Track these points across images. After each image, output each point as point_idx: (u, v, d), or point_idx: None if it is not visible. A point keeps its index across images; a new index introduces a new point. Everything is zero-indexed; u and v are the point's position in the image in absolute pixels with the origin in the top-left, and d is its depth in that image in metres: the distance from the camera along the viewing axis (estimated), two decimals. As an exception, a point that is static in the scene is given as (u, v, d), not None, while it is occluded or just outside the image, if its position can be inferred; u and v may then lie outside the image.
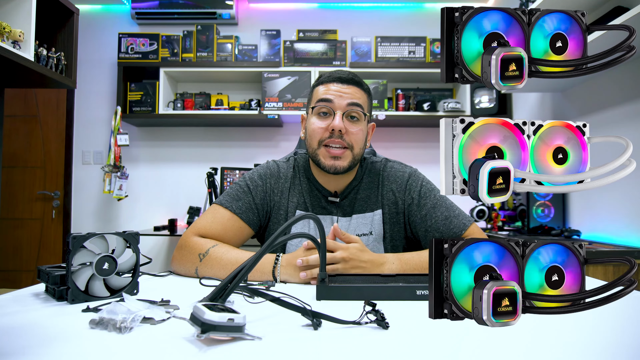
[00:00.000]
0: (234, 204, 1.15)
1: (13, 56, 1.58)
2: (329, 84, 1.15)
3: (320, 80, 1.18)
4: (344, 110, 1.12)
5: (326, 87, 1.15)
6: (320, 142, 1.13)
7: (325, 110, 1.13)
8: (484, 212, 2.72)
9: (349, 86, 1.14)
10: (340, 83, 1.14)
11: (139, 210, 3.41)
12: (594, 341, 0.59)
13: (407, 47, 3.19)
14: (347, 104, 1.12)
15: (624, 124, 2.01)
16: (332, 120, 1.12)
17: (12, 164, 3.43)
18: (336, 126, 1.10)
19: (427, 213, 1.15)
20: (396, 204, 1.20)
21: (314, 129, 1.14)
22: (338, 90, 1.13)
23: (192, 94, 3.29)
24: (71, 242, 0.74)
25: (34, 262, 3.41)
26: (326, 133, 1.12)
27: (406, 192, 1.20)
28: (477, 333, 0.62)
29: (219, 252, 1.03)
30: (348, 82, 1.15)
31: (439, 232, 1.13)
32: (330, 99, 1.13)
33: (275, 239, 0.72)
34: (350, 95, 1.13)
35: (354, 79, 1.16)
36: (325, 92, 1.14)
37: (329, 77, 1.17)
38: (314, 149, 1.15)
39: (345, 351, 0.55)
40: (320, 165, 1.14)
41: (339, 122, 1.10)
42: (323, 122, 1.13)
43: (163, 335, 0.60)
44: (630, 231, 1.97)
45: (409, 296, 0.81)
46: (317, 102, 1.15)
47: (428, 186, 1.20)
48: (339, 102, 1.12)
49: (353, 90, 1.14)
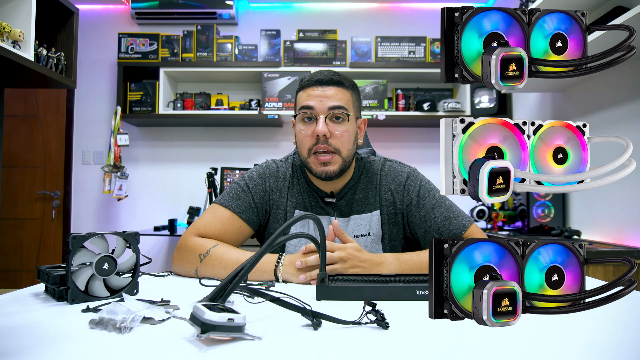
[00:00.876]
0: (233, 203, 1.15)
1: (13, 56, 1.58)
2: (309, 88, 1.14)
3: (301, 85, 1.17)
4: (326, 114, 1.12)
5: (307, 93, 1.14)
6: (310, 150, 1.13)
7: (309, 116, 1.13)
8: (483, 212, 2.72)
9: (328, 87, 1.13)
10: (320, 86, 1.13)
11: (139, 210, 3.41)
12: (594, 341, 0.59)
13: (407, 47, 3.19)
14: (328, 108, 1.11)
15: (624, 124, 2.01)
16: (316, 125, 1.11)
17: (12, 164, 3.43)
18: (320, 131, 1.10)
19: (427, 214, 1.15)
20: (394, 204, 1.19)
21: (301, 138, 1.14)
22: (319, 94, 1.12)
23: (192, 94, 3.29)
24: (71, 242, 0.74)
25: (34, 262, 3.41)
26: (312, 139, 1.12)
27: (405, 192, 1.19)
28: (477, 333, 0.62)
29: (219, 252, 1.03)
30: (327, 84, 1.13)
31: (438, 233, 1.12)
32: (311, 105, 1.12)
33: (275, 238, 0.72)
34: (331, 97, 1.12)
35: (333, 79, 1.14)
36: (307, 98, 1.13)
37: (308, 81, 1.15)
38: (304, 157, 1.15)
39: (345, 351, 0.55)
40: (312, 172, 1.15)
41: (323, 127, 1.10)
42: (308, 129, 1.13)
43: (163, 335, 0.60)
44: (630, 231, 1.97)
45: (409, 296, 0.81)
46: (300, 110, 1.14)
47: (427, 186, 1.19)
48: (320, 106, 1.11)
49: (334, 92, 1.13)
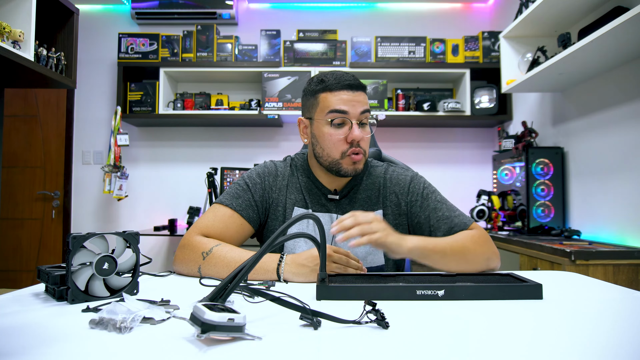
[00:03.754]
0: (234, 201, 1.17)
1: (13, 56, 1.58)
2: (339, 92, 1.13)
3: (328, 87, 1.14)
4: (359, 120, 1.13)
5: (337, 97, 1.13)
6: (344, 153, 1.14)
7: (341, 122, 1.13)
8: (483, 212, 2.72)
9: (358, 92, 1.14)
10: (351, 90, 1.13)
11: (139, 210, 3.41)
12: (594, 341, 0.59)
13: (407, 47, 3.19)
14: (360, 113, 1.13)
15: (624, 124, 2.01)
16: (347, 129, 1.13)
17: (12, 164, 3.43)
18: (357, 137, 1.12)
19: (430, 213, 1.18)
20: (399, 205, 1.21)
21: (334, 141, 1.14)
22: (350, 99, 1.13)
23: (192, 94, 3.29)
24: (71, 242, 0.74)
25: (34, 262, 3.41)
26: (346, 144, 1.13)
27: (409, 194, 1.22)
28: (477, 333, 0.62)
29: (222, 251, 1.04)
30: (357, 89, 1.14)
31: (441, 232, 1.14)
32: (346, 110, 1.12)
33: (275, 238, 0.73)
34: (361, 102, 1.14)
35: (361, 84, 1.16)
36: (339, 102, 1.12)
37: (337, 84, 1.13)
38: (335, 159, 1.15)
39: (345, 351, 0.55)
40: (342, 172, 1.15)
41: (359, 133, 1.12)
42: (341, 133, 1.13)
43: (163, 335, 0.60)
44: (630, 231, 1.97)
45: (409, 296, 0.81)
46: (330, 112, 1.13)
47: (430, 188, 1.23)
48: (353, 111, 1.12)
49: (362, 97, 1.14)
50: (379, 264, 1.18)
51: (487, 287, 0.82)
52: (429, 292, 0.81)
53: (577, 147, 2.38)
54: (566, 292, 0.90)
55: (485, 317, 0.71)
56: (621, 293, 0.89)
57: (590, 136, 2.27)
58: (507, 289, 0.82)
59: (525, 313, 0.73)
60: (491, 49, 3.18)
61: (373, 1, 3.46)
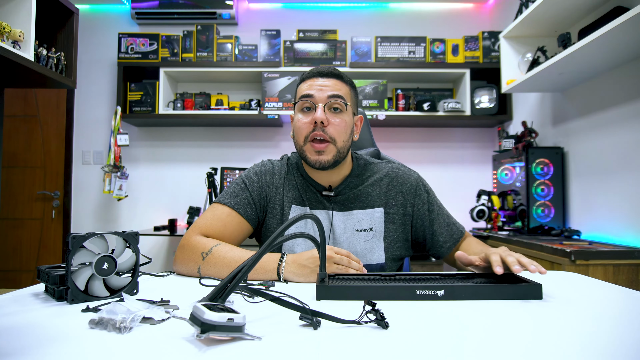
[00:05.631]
0: (232, 200, 1.18)
1: (13, 56, 1.58)
2: (310, 79, 1.17)
3: (302, 78, 1.20)
4: (325, 102, 1.14)
5: (307, 84, 1.17)
6: (306, 137, 1.14)
7: (308, 105, 1.15)
8: (483, 212, 2.72)
9: (329, 79, 1.16)
10: (321, 77, 1.16)
11: (139, 210, 3.41)
12: (594, 341, 0.59)
13: (407, 47, 3.19)
14: (327, 96, 1.14)
15: (624, 124, 2.01)
16: (314, 113, 1.14)
17: (12, 164, 3.43)
18: (318, 117, 1.12)
19: (434, 218, 1.24)
20: (404, 205, 1.23)
21: (299, 125, 1.16)
22: (319, 84, 1.15)
23: (192, 94, 3.29)
24: (71, 242, 0.74)
25: (34, 262, 3.41)
26: (310, 126, 1.14)
27: (416, 197, 1.24)
28: (477, 333, 0.62)
29: (222, 251, 1.04)
30: (328, 76, 1.16)
31: (442, 237, 1.22)
32: (311, 93, 1.14)
33: (275, 238, 0.72)
34: (330, 87, 1.15)
35: (333, 72, 1.18)
36: (307, 87, 1.16)
37: (309, 73, 1.19)
38: (300, 145, 1.17)
39: (344, 351, 0.55)
40: (307, 161, 1.16)
41: (321, 114, 1.12)
42: (307, 117, 1.15)
43: (163, 335, 0.60)
44: (630, 231, 1.97)
45: (408, 296, 0.81)
46: (299, 99, 1.17)
47: (431, 192, 1.28)
48: (319, 95, 1.14)
49: (333, 83, 1.16)
50: (379, 262, 1.18)
51: (486, 287, 0.82)
52: (428, 292, 0.81)
53: (577, 147, 2.38)
54: (566, 292, 0.89)
55: (485, 317, 0.71)
56: (621, 293, 0.89)
57: (590, 136, 2.27)
58: (507, 289, 0.82)
59: (525, 313, 0.73)
60: (491, 49, 3.18)
61: (373, 1, 3.46)
